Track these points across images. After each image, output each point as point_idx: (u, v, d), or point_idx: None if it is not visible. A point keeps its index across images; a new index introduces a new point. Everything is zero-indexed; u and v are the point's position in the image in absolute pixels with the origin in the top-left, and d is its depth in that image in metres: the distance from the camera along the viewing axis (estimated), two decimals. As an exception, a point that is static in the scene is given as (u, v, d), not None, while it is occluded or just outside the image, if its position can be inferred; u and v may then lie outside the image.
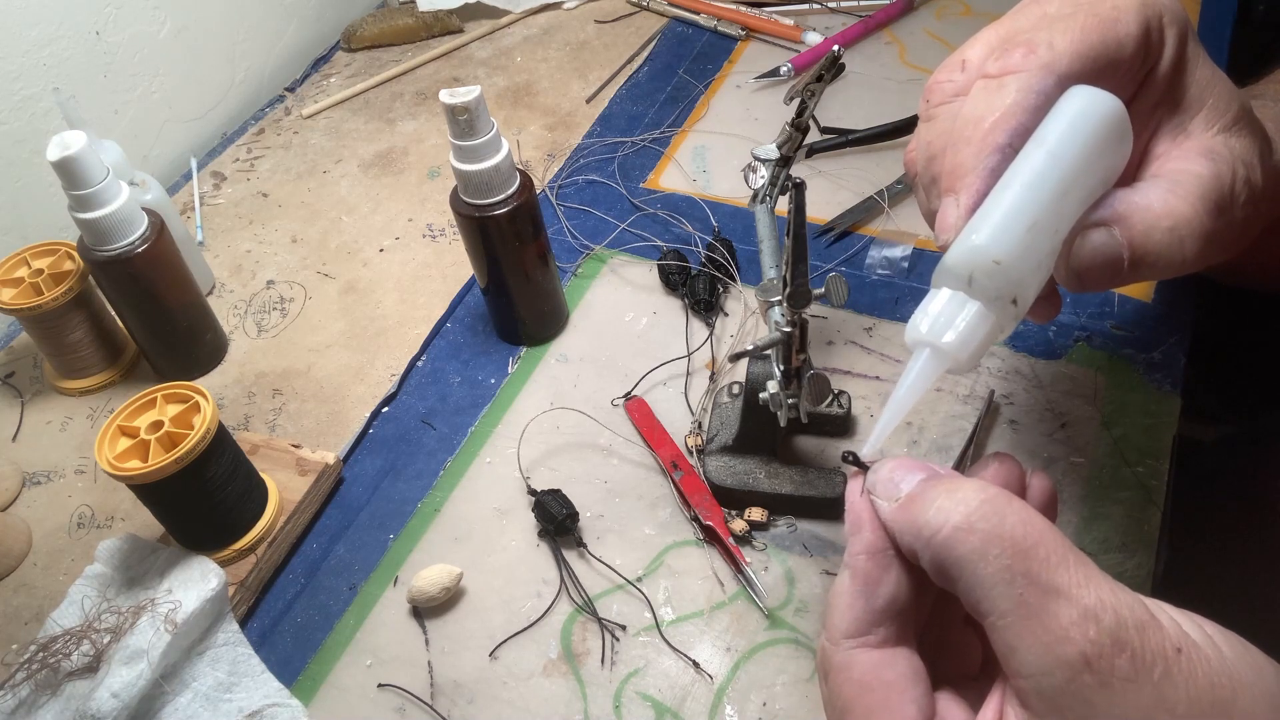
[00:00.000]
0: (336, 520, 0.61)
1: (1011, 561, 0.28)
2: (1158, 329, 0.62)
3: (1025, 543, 0.28)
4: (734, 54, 0.92)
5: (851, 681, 0.32)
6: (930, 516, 0.30)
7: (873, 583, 0.32)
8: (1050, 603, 0.27)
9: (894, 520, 0.31)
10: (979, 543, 0.28)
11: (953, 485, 0.30)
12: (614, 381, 0.65)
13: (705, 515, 0.55)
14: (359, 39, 1.02)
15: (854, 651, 0.32)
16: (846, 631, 0.32)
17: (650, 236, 0.74)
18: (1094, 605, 0.27)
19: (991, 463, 0.34)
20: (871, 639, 0.32)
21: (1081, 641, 0.27)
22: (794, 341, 0.49)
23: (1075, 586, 0.27)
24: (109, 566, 0.55)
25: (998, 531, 0.28)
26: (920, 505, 0.31)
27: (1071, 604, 0.27)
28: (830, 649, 0.33)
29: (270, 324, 0.74)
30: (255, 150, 0.91)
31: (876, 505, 0.33)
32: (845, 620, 0.32)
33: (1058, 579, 0.27)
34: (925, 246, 0.70)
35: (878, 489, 0.33)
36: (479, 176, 0.59)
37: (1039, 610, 0.27)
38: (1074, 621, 0.27)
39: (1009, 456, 0.34)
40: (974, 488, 0.30)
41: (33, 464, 0.67)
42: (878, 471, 0.33)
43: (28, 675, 0.51)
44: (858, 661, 0.32)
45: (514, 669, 0.52)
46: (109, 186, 0.60)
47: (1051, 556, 0.28)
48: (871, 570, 0.32)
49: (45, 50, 0.77)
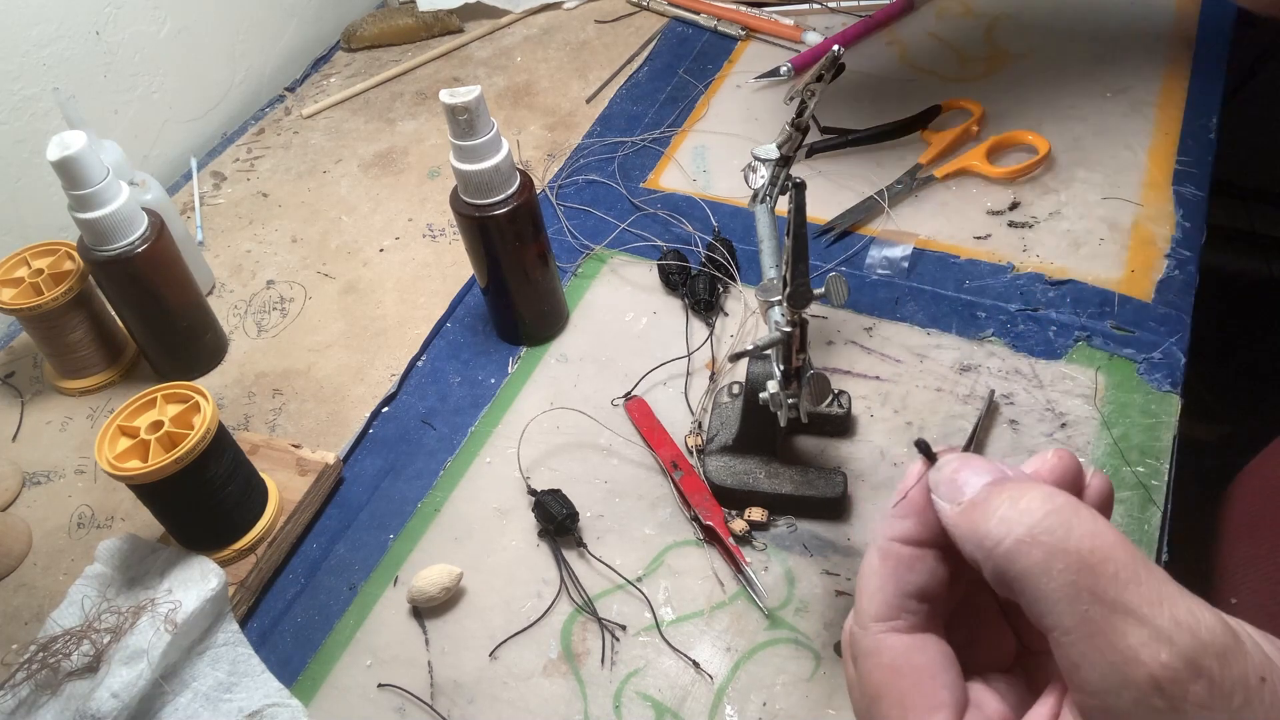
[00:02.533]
0: (336, 520, 0.61)
1: (1077, 577, 0.26)
2: (1158, 329, 0.62)
3: (1093, 558, 0.27)
4: (734, 54, 0.92)
5: (882, 666, 0.31)
6: (993, 527, 0.28)
7: (904, 569, 0.31)
8: (1119, 622, 0.26)
9: (956, 526, 0.30)
10: (1043, 557, 0.27)
11: (1017, 492, 0.29)
12: (614, 381, 0.64)
13: (705, 515, 0.55)
14: (359, 39, 1.02)
15: (884, 635, 0.31)
16: (876, 614, 0.31)
17: (650, 236, 0.74)
18: (1167, 626, 0.25)
19: (1050, 458, 0.32)
20: (901, 623, 0.31)
21: (1152, 664, 0.25)
22: (794, 341, 0.49)
23: (1147, 605, 0.26)
24: (109, 566, 0.55)
25: (1063, 545, 0.27)
26: (983, 513, 0.29)
27: (1142, 624, 0.26)
28: (859, 633, 0.32)
29: (270, 324, 0.74)
30: (255, 150, 0.91)
31: (938, 506, 0.31)
32: (875, 603, 0.31)
33: (1127, 596, 0.26)
34: (925, 246, 0.70)
35: (940, 489, 0.31)
36: (479, 176, 0.59)
37: (1106, 629, 0.26)
38: (1144, 643, 0.25)
39: (1068, 453, 0.32)
40: (1040, 496, 0.28)
41: (33, 464, 0.67)
42: (941, 470, 0.32)
43: (28, 675, 0.51)
44: (887, 645, 0.31)
45: (514, 669, 0.52)
46: (109, 186, 0.60)
47: (1121, 572, 0.26)
48: (904, 557, 0.31)
49: (45, 50, 0.77)
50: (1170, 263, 0.66)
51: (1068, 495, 0.28)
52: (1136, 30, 0.85)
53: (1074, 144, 0.75)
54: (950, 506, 0.30)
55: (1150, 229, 0.68)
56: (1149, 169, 0.73)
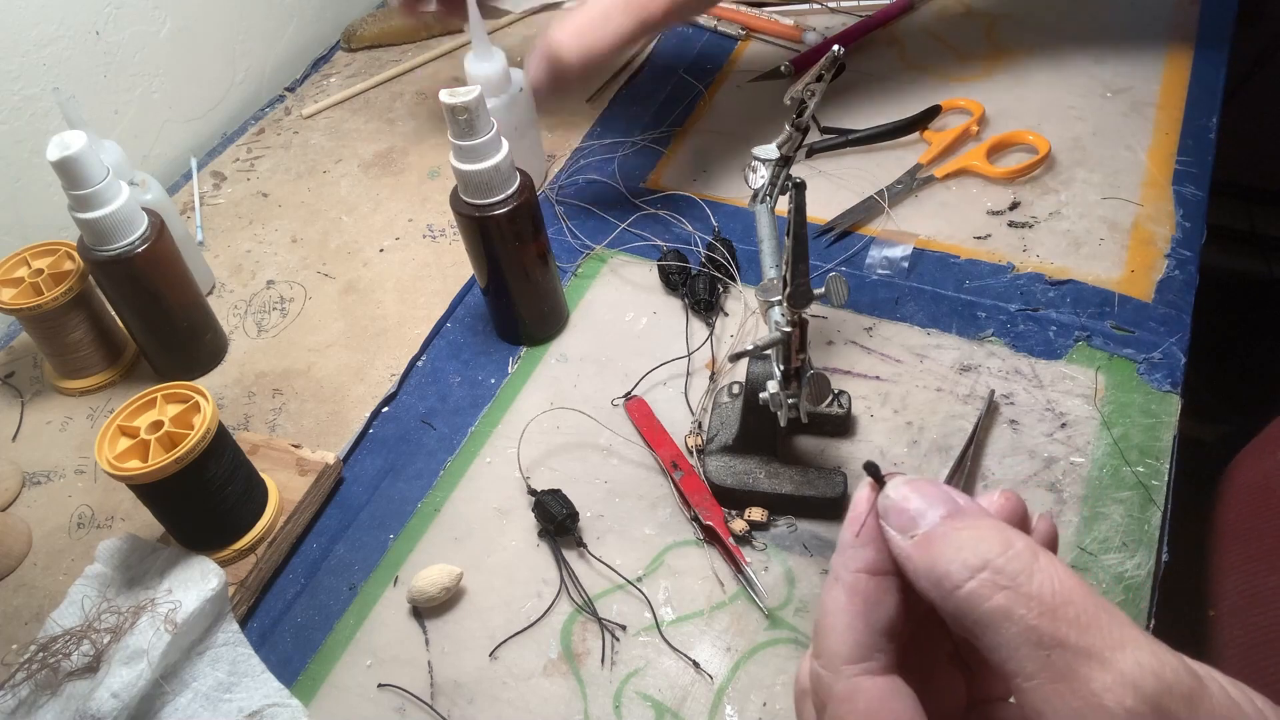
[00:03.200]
0: (336, 520, 0.61)
1: (1039, 622, 0.26)
2: (1158, 329, 0.62)
3: (1054, 600, 0.26)
4: (734, 54, 0.92)
5: (856, 712, 0.29)
6: (951, 567, 0.27)
7: (873, 603, 0.30)
8: (1081, 666, 0.25)
9: (910, 560, 0.29)
10: (1004, 601, 0.26)
11: (976, 530, 0.28)
12: (614, 381, 0.64)
13: (705, 515, 0.55)
14: (359, 39, 1.01)
15: (859, 679, 0.29)
16: (848, 656, 0.30)
17: (650, 236, 0.74)
18: (1131, 670, 0.25)
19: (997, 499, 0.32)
20: (874, 665, 0.30)
21: (1117, 709, 0.24)
22: (794, 341, 0.49)
23: (1109, 649, 0.25)
24: (109, 566, 0.55)
25: (1025, 589, 0.26)
26: (940, 550, 0.28)
27: (1105, 668, 0.25)
28: (829, 677, 0.30)
29: (270, 324, 0.74)
30: (255, 150, 0.91)
31: (889, 536, 0.30)
32: (845, 644, 0.30)
33: (1089, 640, 0.25)
34: (925, 246, 0.70)
35: (891, 517, 0.30)
36: (479, 176, 0.59)
37: (1069, 674, 0.25)
38: (1108, 687, 0.25)
39: (1014, 495, 0.32)
40: (998, 537, 0.28)
41: (33, 464, 0.67)
42: (890, 496, 0.30)
43: (28, 675, 0.51)
44: (863, 690, 0.29)
45: (514, 669, 0.52)
46: (109, 186, 0.60)
47: (1082, 616, 0.26)
48: (872, 590, 0.30)
49: (45, 50, 0.77)
50: (1170, 263, 0.66)
51: (1025, 536, 0.28)
52: (1136, 30, 0.85)
53: (1074, 144, 0.75)
54: (902, 538, 0.29)
55: (1150, 229, 0.68)
56: (1149, 169, 0.73)
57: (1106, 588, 0.50)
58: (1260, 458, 0.69)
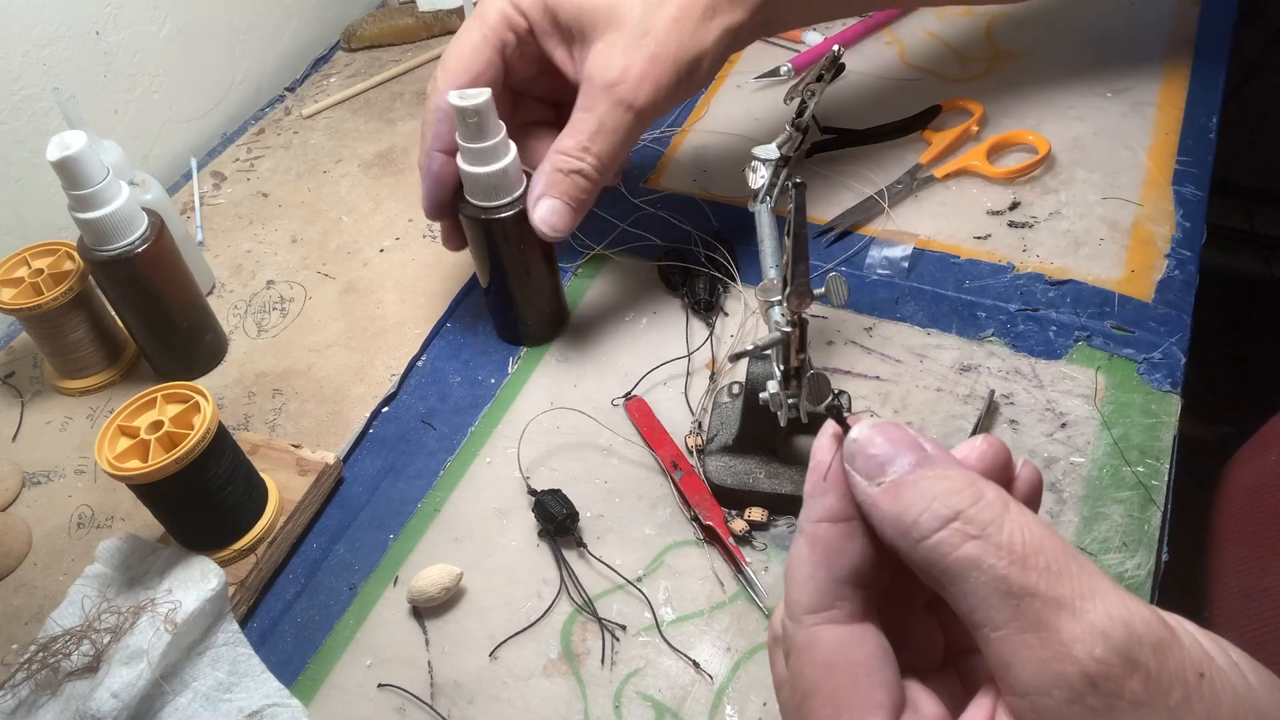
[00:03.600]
0: (336, 520, 0.61)
1: (1008, 571, 0.25)
2: (1158, 329, 0.62)
3: (1024, 549, 0.26)
4: (734, 54, 0.92)
5: (815, 663, 0.29)
6: (921, 517, 0.27)
7: (834, 551, 0.29)
8: (1051, 616, 0.25)
9: (876, 507, 0.28)
10: (973, 551, 0.26)
11: (944, 477, 0.27)
12: (614, 381, 0.65)
13: (705, 515, 0.55)
14: (359, 39, 1.02)
15: (818, 628, 0.29)
16: (808, 606, 0.29)
17: (650, 236, 0.74)
18: (1101, 620, 0.24)
19: (979, 444, 0.31)
20: (837, 613, 0.29)
21: (1086, 660, 0.24)
22: (794, 341, 0.49)
23: (1080, 599, 0.25)
24: (109, 566, 0.55)
25: (995, 539, 0.26)
26: (908, 498, 0.27)
27: (1075, 618, 0.24)
28: (790, 626, 0.30)
29: (270, 324, 0.74)
30: (255, 150, 0.91)
31: (853, 481, 0.29)
32: (806, 593, 0.29)
33: (1059, 589, 0.25)
34: (925, 246, 0.70)
35: (857, 462, 0.29)
36: (487, 179, 0.58)
37: (1037, 624, 0.25)
38: (1077, 637, 0.24)
39: (997, 440, 0.31)
40: (967, 485, 0.27)
41: (33, 464, 0.67)
42: (857, 439, 0.29)
43: (28, 675, 0.51)
44: (821, 639, 0.29)
45: (514, 669, 0.52)
46: (109, 186, 0.60)
47: (1053, 565, 0.25)
48: (834, 538, 0.29)
49: (45, 50, 0.77)
50: (1170, 263, 0.66)
51: (994, 485, 0.27)
52: (1136, 30, 0.85)
53: (1074, 144, 0.75)
54: (868, 484, 0.28)
55: (1150, 229, 0.68)
56: (1149, 169, 0.73)
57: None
58: (1256, 458, 0.69)
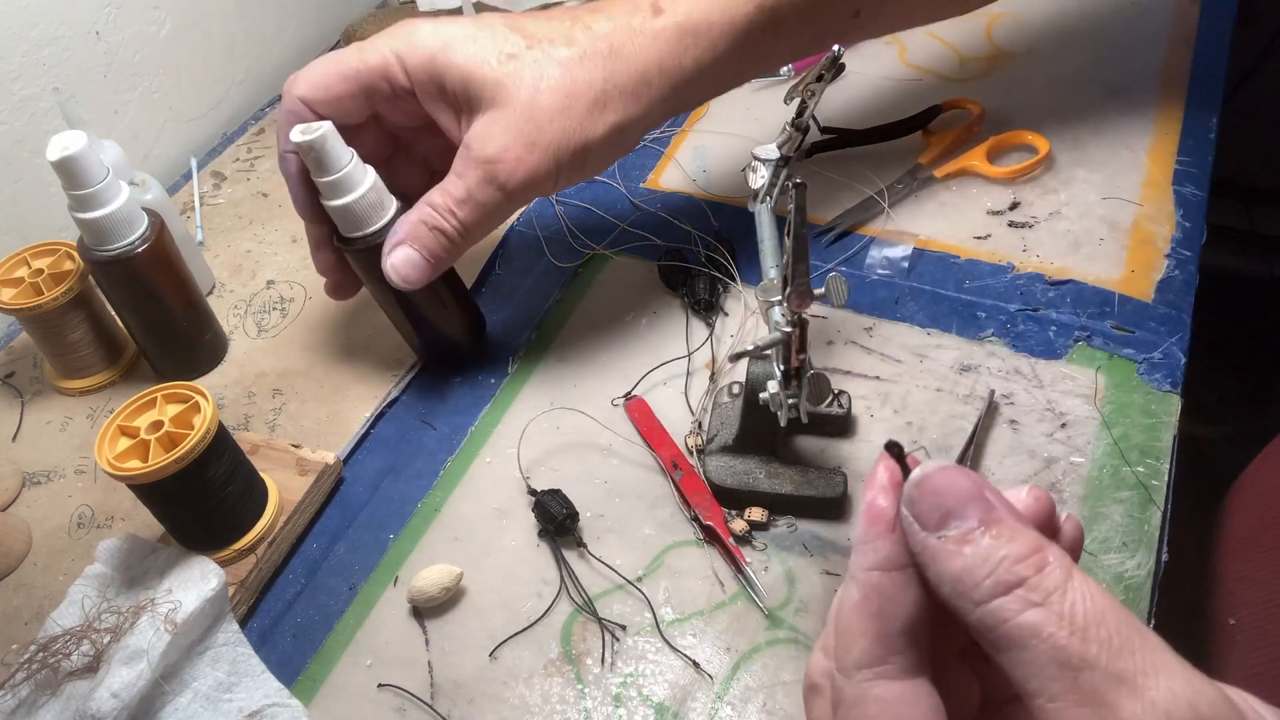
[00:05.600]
0: (336, 520, 0.61)
1: (1068, 642, 0.24)
2: (1158, 329, 0.62)
3: (1086, 620, 0.25)
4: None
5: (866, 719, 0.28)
6: (982, 578, 0.26)
7: (889, 602, 0.28)
8: (1110, 691, 0.24)
9: (935, 562, 0.27)
10: (1035, 619, 0.25)
11: (1010, 539, 0.26)
12: (614, 381, 0.64)
13: (705, 515, 0.55)
14: (359, 39, 1.01)
15: (870, 684, 0.28)
16: (860, 660, 0.28)
17: (650, 236, 0.74)
18: (1164, 698, 0.23)
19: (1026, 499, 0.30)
20: (890, 668, 0.28)
21: None
22: (794, 341, 0.49)
23: (1142, 675, 0.24)
24: (109, 566, 0.55)
25: (1057, 608, 0.25)
26: (972, 558, 0.26)
27: (1136, 695, 0.24)
28: (840, 679, 0.29)
29: (270, 324, 0.74)
30: (255, 150, 0.91)
31: (909, 529, 0.28)
32: (858, 647, 0.28)
33: (1120, 664, 0.24)
34: (925, 246, 0.70)
35: (918, 508, 0.28)
36: (346, 211, 0.57)
37: (1095, 699, 0.24)
38: (1138, 716, 0.23)
39: (1044, 493, 0.30)
40: (1034, 551, 0.26)
41: (33, 464, 0.67)
42: (922, 486, 0.28)
43: (28, 675, 0.51)
44: (874, 696, 0.28)
45: (514, 669, 0.52)
46: (109, 186, 0.60)
47: (1115, 638, 0.24)
48: (888, 588, 0.28)
49: (45, 50, 0.77)
50: (1170, 263, 0.66)
51: (1060, 551, 0.26)
52: (1136, 30, 0.85)
53: (1074, 144, 0.75)
54: (928, 535, 0.27)
55: (1150, 229, 0.68)
56: (1149, 169, 0.73)
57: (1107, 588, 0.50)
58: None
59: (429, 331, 0.65)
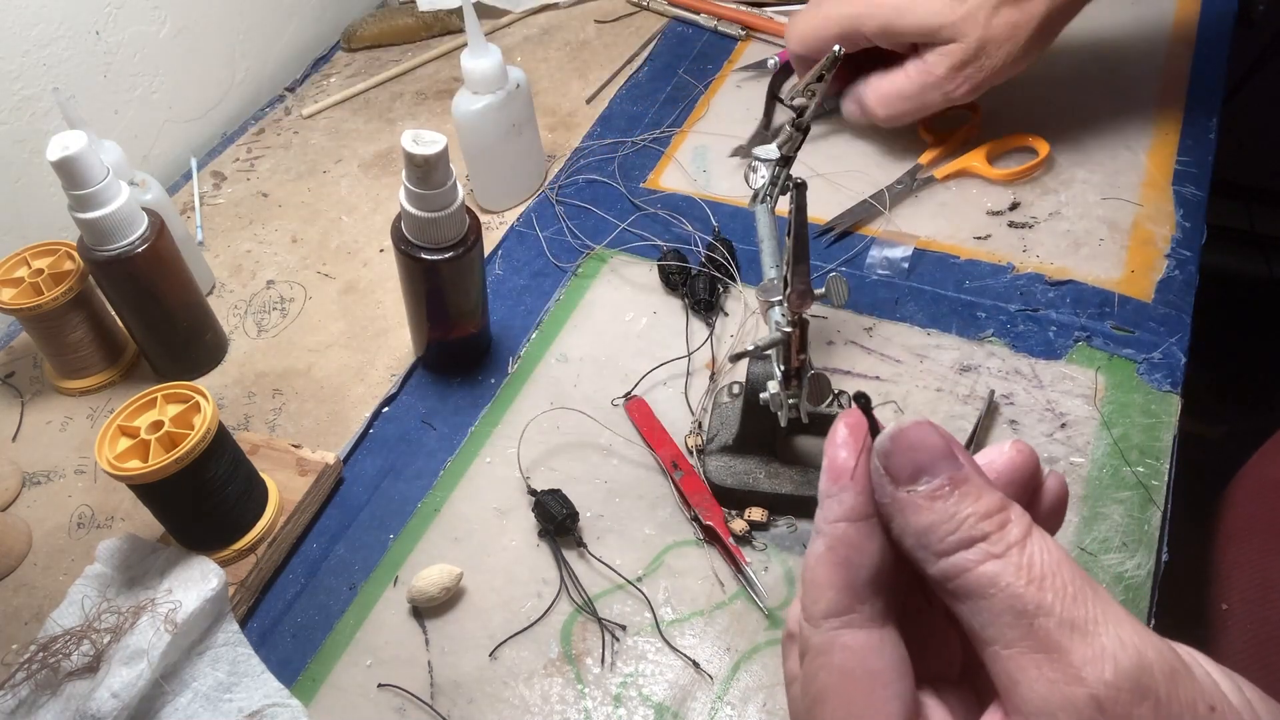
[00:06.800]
0: (336, 520, 0.61)
1: (1025, 590, 0.25)
2: (1158, 329, 0.62)
3: (1043, 570, 0.26)
4: (734, 54, 0.92)
5: (831, 668, 0.28)
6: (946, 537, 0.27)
7: (854, 552, 0.28)
8: (1063, 637, 0.25)
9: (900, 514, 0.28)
10: (993, 569, 0.26)
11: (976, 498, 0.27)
12: (614, 381, 0.64)
13: (705, 515, 0.55)
14: (359, 39, 1.01)
15: (835, 633, 0.28)
16: (826, 610, 0.29)
17: (650, 236, 0.74)
18: (1112, 644, 0.24)
19: (1009, 450, 0.30)
20: (855, 617, 0.28)
21: (1095, 683, 0.24)
22: (794, 341, 0.49)
23: (1094, 623, 0.25)
24: (109, 566, 0.55)
25: (1014, 560, 0.26)
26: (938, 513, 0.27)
27: (1087, 641, 0.24)
28: (808, 629, 0.29)
29: (270, 324, 0.74)
30: (255, 150, 0.91)
31: (877, 481, 0.28)
32: (825, 596, 0.29)
33: (1074, 612, 0.25)
34: (925, 247, 0.70)
35: (890, 462, 0.28)
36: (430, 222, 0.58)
37: (1049, 644, 0.25)
38: (1088, 660, 0.24)
39: (1027, 447, 0.30)
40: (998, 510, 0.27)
41: (33, 464, 0.67)
42: (895, 440, 0.28)
43: (28, 675, 0.51)
44: (839, 644, 0.28)
45: (514, 669, 0.52)
46: (109, 186, 0.60)
47: (1069, 588, 0.25)
48: (854, 537, 0.29)
49: (45, 50, 0.77)
50: (1170, 263, 0.66)
51: (1021, 512, 0.27)
52: (1136, 30, 0.85)
53: (1074, 144, 0.75)
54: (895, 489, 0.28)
55: (1150, 229, 0.68)
56: (1149, 169, 0.73)
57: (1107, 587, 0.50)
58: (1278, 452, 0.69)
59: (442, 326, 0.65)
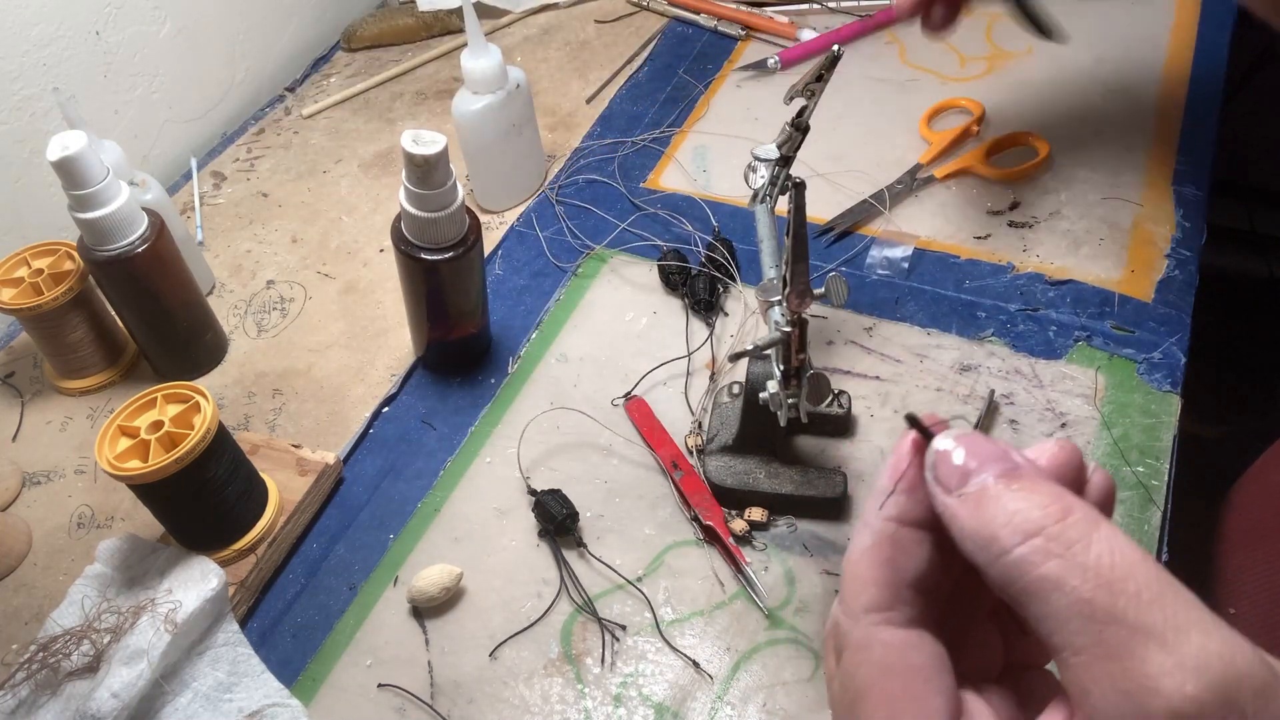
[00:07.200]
0: (336, 520, 0.61)
1: (1093, 594, 0.24)
2: (1158, 329, 0.62)
3: (1112, 574, 0.24)
4: (734, 54, 0.92)
5: (871, 663, 0.28)
6: (1002, 531, 0.25)
7: (901, 553, 0.28)
8: (1138, 646, 0.23)
9: (956, 518, 0.27)
10: (1057, 570, 0.24)
11: (1032, 493, 0.26)
12: (614, 381, 0.64)
13: (705, 515, 0.55)
14: (359, 39, 1.01)
15: (877, 628, 0.28)
16: (869, 604, 0.28)
17: (650, 236, 0.74)
18: (1196, 654, 0.22)
19: (1052, 448, 0.29)
20: (896, 615, 0.28)
21: (1175, 696, 0.22)
22: (794, 341, 0.49)
23: (1172, 630, 0.23)
24: (109, 566, 0.55)
25: (1080, 559, 0.24)
26: (990, 511, 0.26)
27: (1166, 650, 0.23)
28: (848, 623, 0.28)
29: (270, 324, 0.74)
30: (255, 150, 0.91)
31: (933, 491, 0.28)
32: (868, 591, 0.28)
33: (1149, 618, 0.23)
34: (925, 247, 0.70)
35: (939, 472, 0.27)
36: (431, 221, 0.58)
37: (1121, 653, 0.23)
38: (1167, 671, 0.22)
39: (1071, 445, 0.29)
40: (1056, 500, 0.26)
41: (33, 464, 0.67)
42: (941, 449, 0.28)
43: (28, 675, 0.51)
44: (880, 640, 0.28)
45: (514, 669, 0.52)
46: (109, 186, 0.60)
47: (1144, 592, 0.23)
48: (903, 540, 0.28)
49: (45, 50, 0.77)
50: (1170, 263, 0.66)
51: (1085, 504, 0.26)
52: (1136, 30, 0.85)
53: (1074, 144, 0.75)
54: (949, 495, 0.27)
55: (1150, 229, 0.68)
56: (1149, 169, 0.73)
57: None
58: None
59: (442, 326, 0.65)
